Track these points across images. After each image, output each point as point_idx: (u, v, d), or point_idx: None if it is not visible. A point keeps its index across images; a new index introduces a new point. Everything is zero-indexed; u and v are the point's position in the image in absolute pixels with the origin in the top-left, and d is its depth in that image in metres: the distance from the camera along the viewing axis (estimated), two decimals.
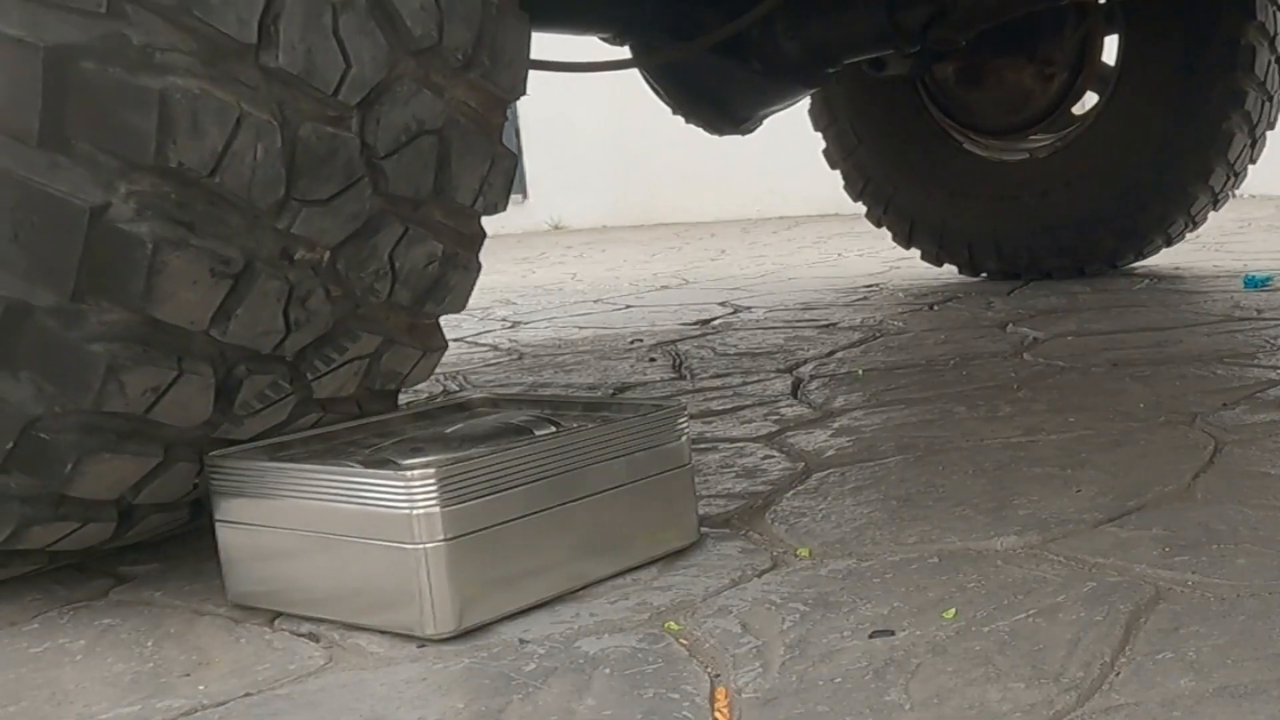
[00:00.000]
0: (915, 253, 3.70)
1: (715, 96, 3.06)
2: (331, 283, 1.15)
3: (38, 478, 1.13)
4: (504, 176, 1.24)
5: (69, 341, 1.07)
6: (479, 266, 1.26)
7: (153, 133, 1.00)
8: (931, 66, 3.43)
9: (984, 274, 3.59)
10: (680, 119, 3.16)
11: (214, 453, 1.17)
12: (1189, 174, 3.18)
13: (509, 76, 1.21)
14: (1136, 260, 3.36)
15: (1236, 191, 3.38)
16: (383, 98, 1.11)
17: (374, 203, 1.14)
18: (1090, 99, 3.47)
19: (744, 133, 3.21)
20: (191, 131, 1.01)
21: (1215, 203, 3.29)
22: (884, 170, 3.59)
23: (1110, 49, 3.34)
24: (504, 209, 1.28)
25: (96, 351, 1.07)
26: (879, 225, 3.70)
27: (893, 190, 3.58)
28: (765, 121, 3.23)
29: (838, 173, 3.74)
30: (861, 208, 3.75)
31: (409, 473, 1.05)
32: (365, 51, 1.08)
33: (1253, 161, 3.27)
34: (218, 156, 1.02)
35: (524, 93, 1.24)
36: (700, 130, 3.20)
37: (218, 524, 1.18)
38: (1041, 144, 3.43)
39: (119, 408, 1.10)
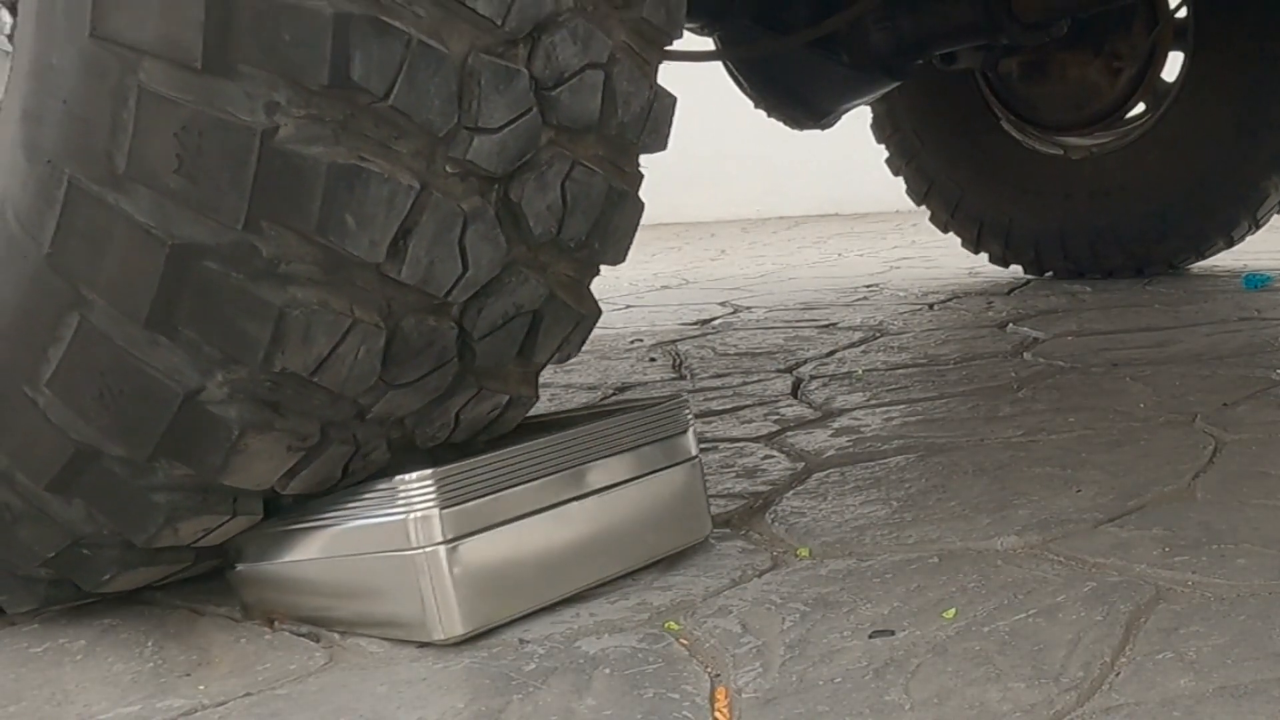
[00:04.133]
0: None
1: (800, 91, 2.97)
2: (395, 434, 1.13)
3: (72, 579, 1.14)
4: (583, 334, 1.21)
5: (132, 488, 1.06)
6: (536, 400, 1.23)
7: (265, 343, 0.98)
8: (999, 60, 3.35)
9: (987, 257, 3.55)
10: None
11: None
12: (1216, 221, 3.16)
13: (615, 252, 1.18)
14: (1136, 276, 3.36)
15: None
16: (490, 289, 1.08)
17: (456, 372, 1.12)
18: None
19: (823, 127, 3.13)
20: (302, 342, 0.99)
21: (1230, 245, 3.29)
22: (946, 169, 3.52)
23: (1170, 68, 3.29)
24: (575, 356, 1.24)
25: (158, 501, 1.06)
26: (922, 203, 3.65)
27: (948, 183, 3.52)
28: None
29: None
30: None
31: (406, 476, 1.05)
32: (484, 256, 1.05)
33: (1278, 213, 3.27)
34: (321, 361, 1.01)
35: (624, 260, 1.20)
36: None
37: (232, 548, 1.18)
38: (1077, 145, 3.39)
39: (169, 544, 1.10)
